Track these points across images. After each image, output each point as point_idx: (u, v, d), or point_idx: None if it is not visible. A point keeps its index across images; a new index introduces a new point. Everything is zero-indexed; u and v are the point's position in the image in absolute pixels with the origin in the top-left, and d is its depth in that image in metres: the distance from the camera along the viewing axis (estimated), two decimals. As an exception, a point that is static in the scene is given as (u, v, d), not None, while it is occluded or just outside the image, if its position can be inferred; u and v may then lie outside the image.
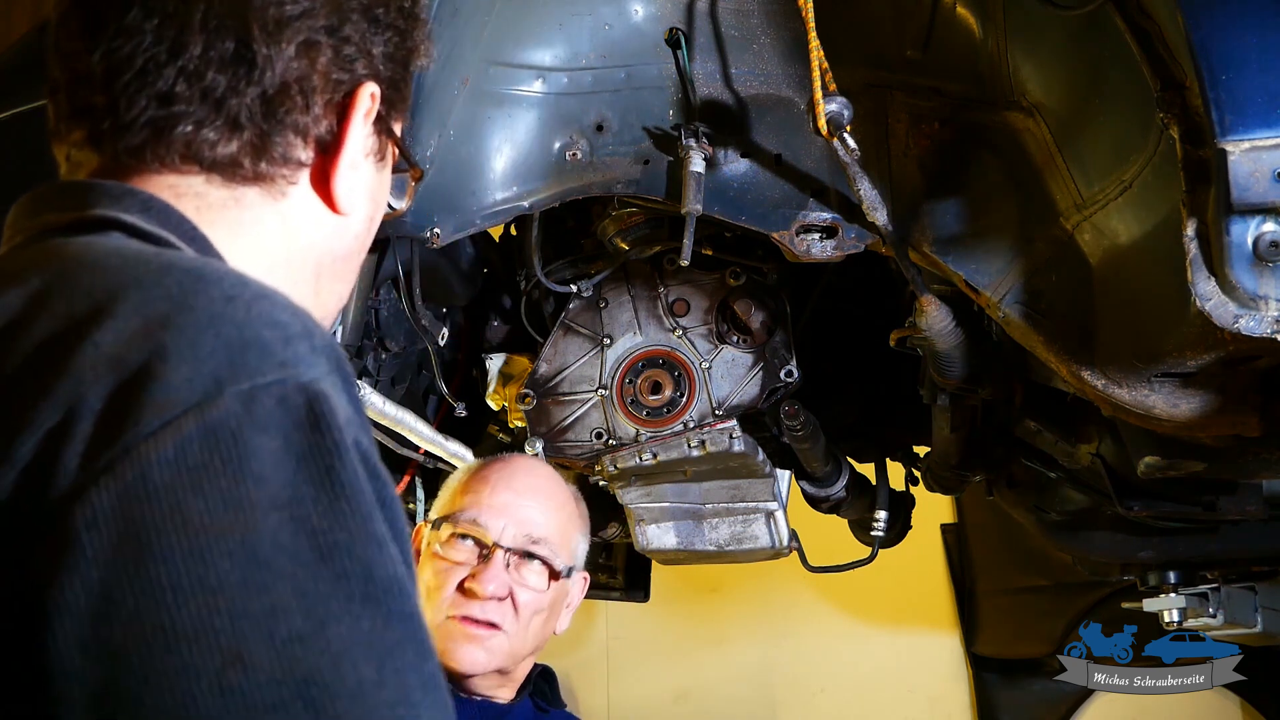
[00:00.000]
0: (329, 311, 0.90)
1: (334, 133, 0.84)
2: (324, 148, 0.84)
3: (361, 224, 0.89)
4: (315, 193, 0.85)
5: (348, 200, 0.85)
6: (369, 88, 0.85)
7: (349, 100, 0.84)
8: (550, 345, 2.12)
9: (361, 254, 0.91)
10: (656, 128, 1.81)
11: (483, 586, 1.55)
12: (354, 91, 0.84)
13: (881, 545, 2.42)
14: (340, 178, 0.84)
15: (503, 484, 1.67)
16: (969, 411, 2.01)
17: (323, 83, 0.82)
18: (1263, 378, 1.44)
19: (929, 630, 4.41)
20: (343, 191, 0.85)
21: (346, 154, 0.84)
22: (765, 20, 1.78)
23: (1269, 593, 2.48)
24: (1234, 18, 1.27)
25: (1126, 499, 2.00)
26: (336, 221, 0.86)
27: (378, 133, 0.88)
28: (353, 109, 0.84)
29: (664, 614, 4.51)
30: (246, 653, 0.56)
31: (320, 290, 0.87)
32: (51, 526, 0.57)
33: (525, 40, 1.81)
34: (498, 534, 1.60)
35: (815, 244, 1.75)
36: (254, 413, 0.61)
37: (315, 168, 0.84)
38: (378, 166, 0.89)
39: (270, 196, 0.82)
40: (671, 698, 4.59)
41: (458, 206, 1.79)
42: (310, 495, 0.61)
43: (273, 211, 0.83)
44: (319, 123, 0.83)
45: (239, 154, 0.80)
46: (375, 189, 0.90)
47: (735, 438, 2.00)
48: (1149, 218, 1.41)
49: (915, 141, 1.71)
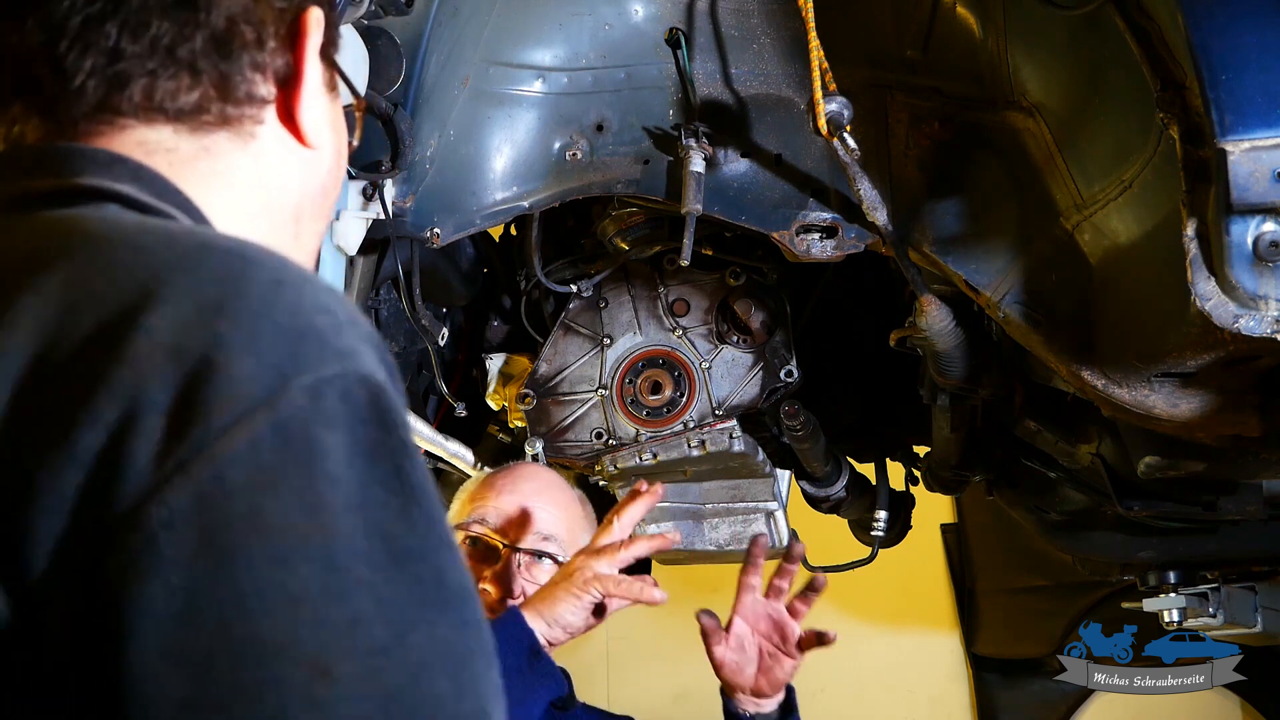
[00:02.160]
0: (310, 252, 0.87)
1: (290, 64, 0.81)
2: (283, 81, 0.81)
3: (330, 157, 0.86)
4: (284, 129, 0.81)
5: (315, 132, 0.82)
6: (314, 13, 0.82)
7: (298, 28, 0.81)
8: (550, 345, 2.12)
9: (335, 189, 0.88)
10: (656, 128, 1.81)
11: (497, 589, 1.57)
12: (300, 18, 0.81)
13: (881, 545, 2.42)
14: (305, 108, 0.81)
15: (509, 488, 1.68)
16: (969, 411, 2.01)
17: (269, 13, 0.79)
18: (1263, 378, 1.44)
19: (929, 630, 4.41)
20: (309, 122, 0.82)
21: (308, 83, 0.81)
22: (765, 20, 1.78)
23: (1269, 593, 2.47)
24: (1234, 18, 1.27)
25: (1126, 499, 2.00)
26: (308, 156, 0.83)
27: (324, 62, 0.85)
28: (304, 36, 0.81)
29: (664, 614, 4.50)
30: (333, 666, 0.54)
31: (301, 232, 0.84)
32: (127, 527, 0.55)
33: (525, 40, 1.82)
34: (508, 536, 1.61)
35: (815, 244, 1.75)
36: (321, 408, 0.58)
37: (279, 103, 0.81)
38: (331, 98, 0.86)
39: (240, 140, 0.79)
40: (671, 698, 4.59)
41: (458, 206, 1.79)
42: (382, 497, 0.59)
43: (244, 156, 0.79)
44: (275, 55, 0.80)
45: (202, 100, 0.77)
46: (335, 120, 0.87)
47: (735, 438, 2.00)
48: (1149, 218, 1.40)
49: (915, 141, 1.71)
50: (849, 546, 2.48)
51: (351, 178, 1.73)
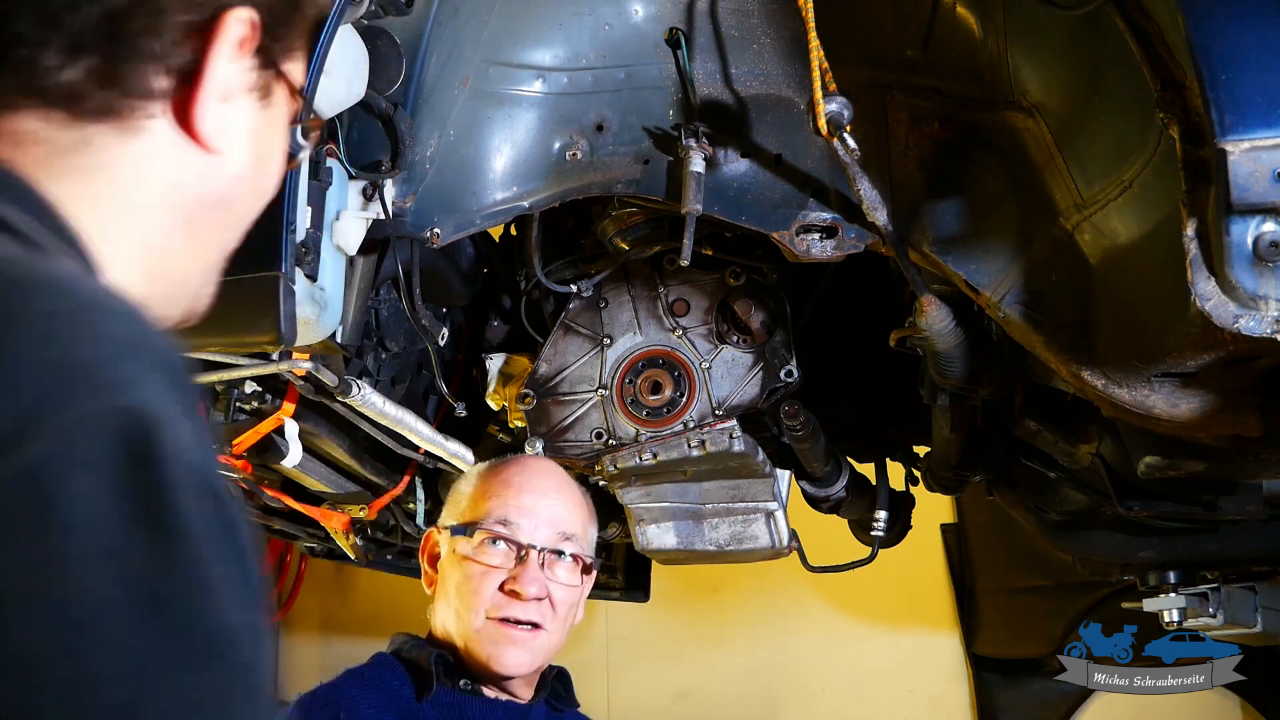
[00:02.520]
0: (211, 264, 0.82)
1: (197, 60, 0.75)
2: (185, 76, 0.75)
3: (242, 164, 0.80)
4: (180, 128, 0.76)
5: (217, 136, 0.77)
6: (239, 13, 0.76)
7: (213, 26, 0.75)
8: (550, 345, 2.12)
9: (248, 201, 0.83)
10: (656, 128, 1.81)
11: (525, 588, 1.58)
12: (219, 15, 0.75)
13: (881, 545, 2.42)
14: (205, 109, 0.75)
15: (526, 485, 1.69)
16: (969, 411, 2.01)
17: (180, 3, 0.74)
18: (1263, 378, 1.44)
19: (929, 630, 4.41)
20: (209, 125, 0.76)
21: (210, 83, 0.75)
22: (765, 20, 1.78)
23: (1269, 593, 2.47)
24: (1234, 18, 1.27)
25: (1126, 499, 2.00)
26: (207, 160, 0.77)
27: (261, 67, 0.79)
28: (217, 34, 0.75)
29: (664, 614, 4.51)
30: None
31: (195, 240, 0.79)
32: None
33: (525, 40, 1.82)
34: (530, 535, 1.62)
35: (815, 244, 1.75)
36: (76, 447, 0.54)
37: (177, 100, 0.75)
38: (262, 105, 0.81)
39: (123, 134, 0.74)
40: (671, 698, 4.59)
41: (458, 206, 1.79)
42: (136, 540, 0.54)
43: (128, 152, 0.74)
44: (177, 47, 0.74)
45: (83, 82, 0.71)
46: (262, 129, 0.81)
47: (735, 438, 2.00)
48: (1149, 218, 1.40)
49: (915, 141, 1.71)
50: (849, 546, 2.48)
51: (351, 178, 1.73)
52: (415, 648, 1.61)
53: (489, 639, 1.57)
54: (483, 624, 1.57)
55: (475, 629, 1.57)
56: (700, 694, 4.59)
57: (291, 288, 1.51)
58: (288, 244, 1.49)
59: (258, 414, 2.06)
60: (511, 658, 1.57)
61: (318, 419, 2.12)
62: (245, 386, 2.02)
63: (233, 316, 1.51)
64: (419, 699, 1.54)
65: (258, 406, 2.05)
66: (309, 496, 2.48)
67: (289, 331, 1.50)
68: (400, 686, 1.55)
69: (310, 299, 1.62)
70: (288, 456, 2.09)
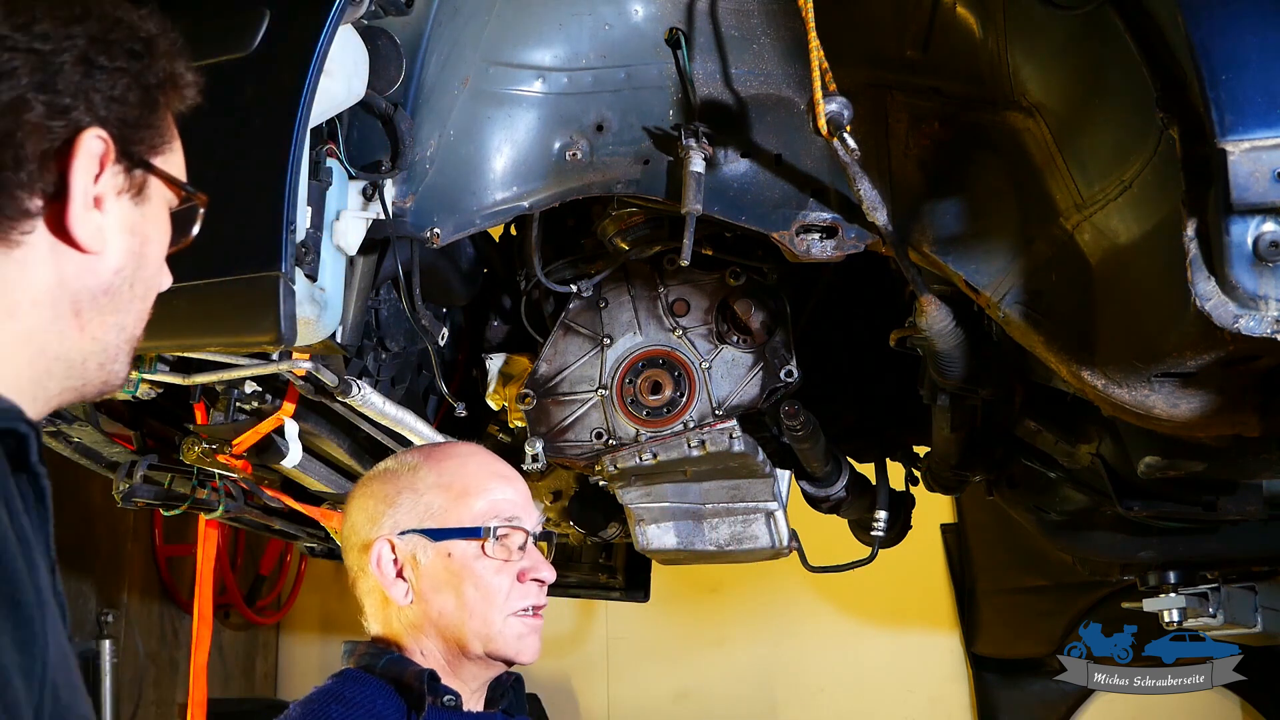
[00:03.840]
0: (109, 344, 0.92)
1: (60, 180, 0.87)
2: (54, 195, 0.87)
3: (121, 257, 0.91)
4: (56, 236, 0.87)
5: (91, 240, 0.88)
6: (92, 133, 0.88)
7: (70, 148, 0.87)
8: (550, 345, 2.12)
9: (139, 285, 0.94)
10: (656, 128, 1.81)
11: (547, 574, 1.55)
12: (74, 139, 0.87)
13: (881, 545, 2.42)
14: (76, 220, 0.87)
15: (503, 473, 1.63)
16: (969, 411, 2.01)
17: (35, 136, 0.85)
18: (1263, 378, 1.44)
19: (929, 630, 4.41)
20: (83, 233, 0.87)
21: (75, 199, 0.87)
22: (765, 20, 1.78)
23: (1269, 593, 2.48)
24: (1234, 18, 1.27)
25: (1126, 499, 2.00)
26: (86, 260, 0.89)
27: (127, 170, 0.91)
28: (74, 155, 0.87)
29: (664, 614, 4.51)
30: None
31: (86, 325, 0.90)
32: None
33: (525, 40, 1.81)
34: (528, 521, 1.59)
35: (815, 244, 1.75)
36: None
37: (50, 214, 0.87)
38: (136, 201, 0.93)
39: (4, 247, 0.85)
40: (671, 698, 4.59)
41: (458, 206, 1.79)
42: None
43: (7, 260, 0.86)
44: (39, 174, 0.86)
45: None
46: (139, 223, 0.93)
47: (735, 438, 2.00)
48: (1149, 218, 1.40)
49: (915, 141, 1.71)
50: (849, 546, 2.48)
51: (351, 178, 1.74)
52: (394, 664, 1.55)
53: (515, 634, 1.53)
54: (505, 619, 1.55)
55: (499, 628, 1.54)
56: (700, 694, 4.59)
57: (291, 288, 1.51)
58: (288, 244, 1.49)
59: (258, 414, 2.06)
60: (534, 645, 1.56)
61: (318, 419, 2.12)
62: (245, 386, 2.02)
63: (233, 316, 1.50)
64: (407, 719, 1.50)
65: (258, 406, 2.05)
66: (309, 496, 2.48)
67: (289, 331, 1.50)
68: (384, 706, 1.50)
69: (310, 299, 1.62)
70: (288, 456, 2.08)
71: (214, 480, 2.42)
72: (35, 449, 0.78)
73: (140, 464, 2.31)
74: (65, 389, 0.91)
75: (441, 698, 1.49)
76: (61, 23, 0.88)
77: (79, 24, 0.89)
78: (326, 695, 1.49)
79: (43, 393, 0.89)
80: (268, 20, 1.55)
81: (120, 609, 4.27)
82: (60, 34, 0.88)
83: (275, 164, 1.48)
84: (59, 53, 0.87)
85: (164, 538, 4.56)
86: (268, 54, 1.54)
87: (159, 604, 4.54)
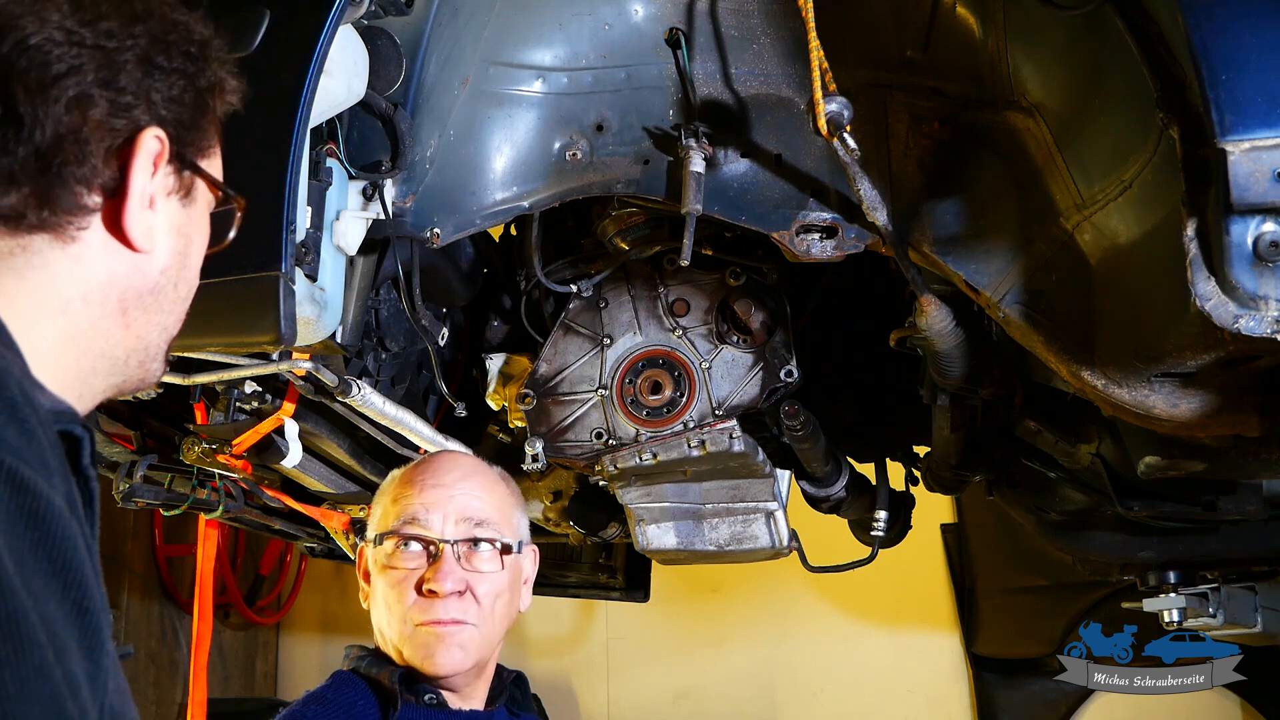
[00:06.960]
0: (151, 343, 0.94)
1: (119, 177, 0.88)
2: (111, 192, 0.88)
3: (168, 258, 0.93)
4: (110, 234, 0.89)
5: (143, 239, 0.90)
6: (152, 132, 0.89)
7: (130, 146, 0.89)
8: (550, 345, 2.12)
9: (179, 289, 0.95)
10: (656, 128, 1.81)
11: (441, 585, 1.53)
12: (134, 138, 0.89)
13: (881, 545, 2.42)
14: (131, 219, 0.89)
15: (430, 481, 1.63)
16: (969, 411, 2.01)
17: (99, 133, 0.87)
18: (1263, 378, 1.44)
19: (929, 630, 4.42)
20: (136, 231, 0.89)
21: (133, 197, 0.89)
22: (765, 20, 1.78)
23: (1269, 593, 2.48)
24: (1234, 18, 1.27)
25: (1126, 499, 2.00)
26: (136, 258, 0.91)
27: (177, 171, 0.93)
28: (135, 154, 0.88)
29: (664, 614, 4.51)
30: None
31: (131, 323, 0.91)
32: None
33: (525, 40, 1.81)
34: (440, 529, 1.58)
35: (815, 244, 1.75)
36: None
37: (106, 211, 0.88)
38: (184, 203, 0.94)
39: (60, 241, 0.87)
40: (671, 698, 4.59)
41: (458, 206, 1.79)
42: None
43: (63, 254, 0.87)
44: (101, 170, 0.87)
45: (20, 205, 0.85)
46: (185, 224, 0.95)
47: (735, 438, 2.00)
48: (1149, 218, 1.40)
49: (915, 141, 1.71)
50: (849, 546, 2.48)
51: (351, 178, 1.73)
52: (374, 664, 1.57)
53: (419, 644, 1.53)
54: (411, 631, 1.54)
55: (405, 636, 1.54)
56: (700, 694, 4.60)
57: (291, 288, 1.51)
58: (288, 244, 1.49)
59: (258, 414, 2.06)
60: (444, 657, 1.53)
61: (318, 419, 2.13)
62: (245, 386, 2.02)
63: (233, 316, 1.50)
64: (385, 718, 1.51)
65: (258, 406, 2.05)
66: (309, 496, 2.48)
67: (289, 331, 1.50)
68: (365, 707, 1.52)
69: (310, 299, 1.62)
70: (288, 456, 2.09)
71: (214, 480, 2.42)
72: (89, 451, 0.78)
73: (140, 464, 2.31)
74: (108, 386, 0.92)
75: (421, 697, 1.51)
76: (125, 21, 0.89)
77: (141, 23, 0.90)
78: (311, 697, 1.54)
79: (88, 390, 0.90)
80: (268, 20, 1.55)
81: (120, 609, 4.27)
82: (124, 32, 0.89)
83: (275, 164, 1.48)
84: (122, 51, 0.88)
85: (164, 538, 4.56)
86: (268, 54, 1.54)
87: (159, 604, 4.54)
